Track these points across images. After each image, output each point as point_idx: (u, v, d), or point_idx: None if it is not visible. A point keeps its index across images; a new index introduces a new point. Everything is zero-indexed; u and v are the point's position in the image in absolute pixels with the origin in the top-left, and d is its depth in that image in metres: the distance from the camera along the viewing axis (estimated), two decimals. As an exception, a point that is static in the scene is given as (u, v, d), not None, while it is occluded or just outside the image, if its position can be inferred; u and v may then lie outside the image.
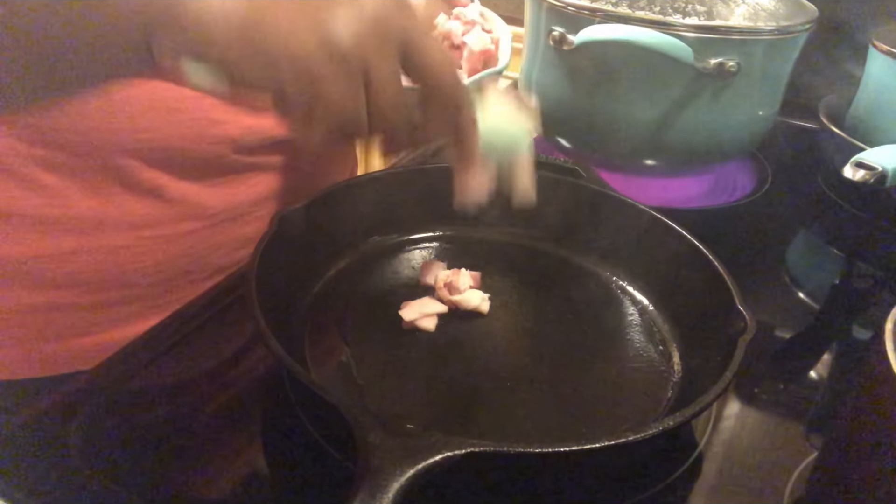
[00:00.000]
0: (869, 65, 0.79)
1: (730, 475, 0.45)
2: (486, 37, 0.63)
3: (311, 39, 0.34)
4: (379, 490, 0.32)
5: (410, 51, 0.37)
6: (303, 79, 0.34)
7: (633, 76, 0.69)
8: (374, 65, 0.35)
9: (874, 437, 0.35)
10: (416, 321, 0.52)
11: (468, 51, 0.63)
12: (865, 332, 0.61)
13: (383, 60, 0.36)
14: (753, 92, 0.71)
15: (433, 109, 0.39)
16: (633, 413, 0.47)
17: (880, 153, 0.60)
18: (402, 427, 0.35)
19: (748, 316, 0.46)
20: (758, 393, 0.52)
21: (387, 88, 0.36)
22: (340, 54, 0.34)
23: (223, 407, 0.48)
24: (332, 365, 0.50)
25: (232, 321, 0.54)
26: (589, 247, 0.62)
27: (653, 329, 0.55)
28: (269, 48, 0.34)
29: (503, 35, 0.63)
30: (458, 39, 0.64)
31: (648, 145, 0.73)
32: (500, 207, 0.64)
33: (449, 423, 0.46)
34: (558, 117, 0.77)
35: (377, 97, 0.36)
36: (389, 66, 0.36)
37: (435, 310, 0.53)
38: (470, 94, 0.41)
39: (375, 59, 0.35)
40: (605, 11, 0.67)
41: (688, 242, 0.55)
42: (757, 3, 0.70)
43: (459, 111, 0.40)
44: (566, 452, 0.36)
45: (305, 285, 0.55)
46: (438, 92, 0.39)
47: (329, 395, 0.38)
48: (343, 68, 0.34)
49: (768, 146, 0.83)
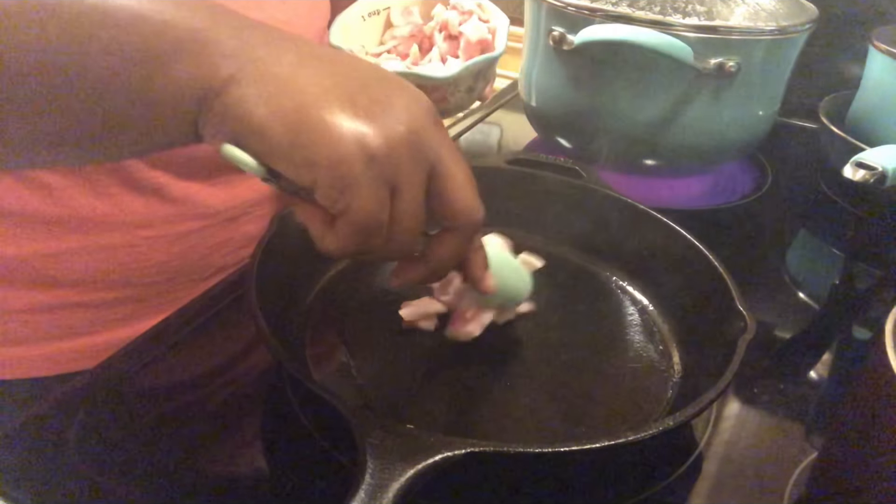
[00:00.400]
0: (869, 65, 0.79)
1: (730, 475, 0.45)
2: (482, 26, 0.63)
3: (352, 144, 0.33)
4: (379, 490, 0.32)
5: (439, 172, 0.37)
6: (338, 183, 0.34)
7: (634, 76, 0.69)
8: (405, 177, 0.35)
9: (874, 437, 0.35)
10: (416, 321, 0.52)
11: (465, 40, 0.63)
12: (865, 332, 0.61)
13: (414, 174, 0.35)
14: (753, 92, 0.71)
15: (448, 237, 0.39)
16: (633, 413, 0.47)
17: (880, 153, 0.60)
18: (402, 427, 0.35)
19: (748, 316, 0.46)
20: (758, 393, 0.52)
21: (412, 204, 0.36)
22: (378, 162, 0.34)
23: (223, 407, 0.48)
24: (332, 365, 0.50)
25: (232, 321, 0.54)
26: (589, 247, 0.62)
27: (653, 329, 0.55)
28: (311, 148, 0.33)
29: (500, 24, 0.63)
30: (455, 29, 0.64)
31: (648, 145, 0.73)
32: (500, 207, 0.64)
33: (449, 423, 0.46)
34: (558, 117, 0.77)
35: (401, 212, 0.36)
36: (419, 182, 0.36)
37: (435, 310, 0.53)
38: None
39: (407, 170, 0.35)
40: (605, 11, 0.67)
41: (688, 242, 0.55)
42: (757, 3, 0.70)
43: (472, 242, 0.41)
44: (566, 452, 0.36)
45: (305, 285, 0.55)
46: (457, 221, 0.38)
47: (329, 395, 0.38)
48: (377, 175, 0.34)
49: (768, 146, 0.83)
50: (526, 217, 0.64)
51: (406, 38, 0.67)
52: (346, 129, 0.33)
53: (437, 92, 0.60)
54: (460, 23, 0.64)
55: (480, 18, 0.64)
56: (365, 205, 0.34)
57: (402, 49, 0.66)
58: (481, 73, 0.62)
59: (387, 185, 0.35)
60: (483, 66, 0.61)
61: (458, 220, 0.38)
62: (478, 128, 0.93)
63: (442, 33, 0.65)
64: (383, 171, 0.34)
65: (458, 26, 0.64)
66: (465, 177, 0.38)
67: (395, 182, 0.35)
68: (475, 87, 0.63)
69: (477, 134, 0.92)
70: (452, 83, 0.60)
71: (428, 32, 0.66)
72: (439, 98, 0.61)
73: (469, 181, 0.38)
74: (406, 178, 0.35)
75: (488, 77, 0.65)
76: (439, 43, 0.65)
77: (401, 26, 0.67)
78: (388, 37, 0.68)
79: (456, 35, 0.64)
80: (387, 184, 0.35)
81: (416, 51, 0.65)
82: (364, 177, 0.34)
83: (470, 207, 0.38)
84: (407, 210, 0.36)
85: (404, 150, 0.35)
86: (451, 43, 0.65)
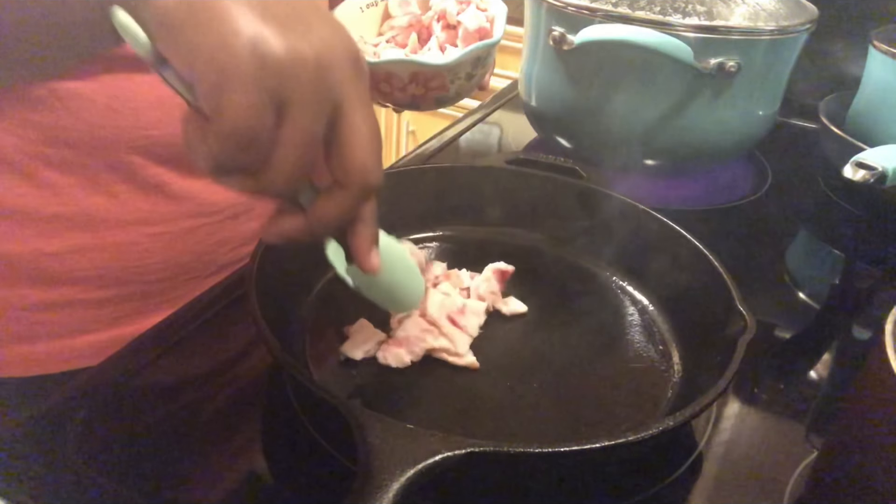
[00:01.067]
0: (869, 65, 0.79)
1: (730, 475, 0.45)
2: (481, 15, 0.63)
3: (244, 38, 0.30)
4: (379, 490, 0.32)
5: (341, 118, 0.33)
6: (215, 75, 0.30)
7: (633, 76, 0.69)
8: (298, 98, 0.31)
9: (874, 437, 0.35)
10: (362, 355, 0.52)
11: (463, 30, 0.63)
12: (865, 332, 0.61)
13: (309, 101, 0.31)
14: (753, 92, 0.71)
15: (336, 194, 0.35)
16: (633, 413, 0.47)
17: (880, 153, 0.60)
18: (402, 427, 0.35)
19: (748, 316, 0.46)
20: (758, 393, 0.52)
21: (298, 131, 0.32)
22: (268, 68, 0.30)
23: (223, 407, 0.48)
24: (332, 365, 0.50)
25: (232, 321, 0.54)
26: (589, 247, 0.62)
27: (653, 329, 0.55)
28: (200, 31, 0.30)
29: (498, 12, 0.63)
30: (454, 19, 0.64)
31: (648, 145, 0.73)
32: (500, 207, 0.64)
33: (449, 423, 0.46)
34: (558, 117, 0.77)
35: (285, 136, 0.32)
36: (313, 112, 0.32)
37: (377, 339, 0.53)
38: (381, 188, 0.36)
39: (301, 93, 0.31)
40: (605, 11, 0.67)
41: (687, 242, 0.55)
42: (757, 3, 0.70)
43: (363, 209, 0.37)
44: (566, 452, 0.36)
45: (305, 286, 0.55)
46: (348, 177, 0.34)
47: (329, 395, 0.38)
48: (262, 82, 0.30)
49: (768, 146, 0.83)
50: (526, 217, 0.64)
51: (404, 29, 0.67)
52: (245, 23, 0.30)
53: (436, 79, 0.60)
54: (458, 12, 0.64)
55: (478, 7, 0.64)
56: (238, 106, 0.30)
57: (401, 39, 0.66)
58: (480, 59, 0.62)
59: (272, 99, 0.30)
60: (482, 53, 0.61)
61: (350, 177, 0.34)
62: (478, 128, 0.93)
63: (440, 23, 0.65)
64: (272, 80, 0.30)
65: (455, 16, 0.64)
66: (368, 131, 0.34)
67: (283, 99, 0.31)
68: (474, 73, 0.63)
69: (477, 134, 0.92)
70: (452, 70, 0.60)
71: (426, 22, 0.66)
72: (439, 86, 0.61)
73: (372, 137, 0.34)
74: (299, 99, 0.31)
75: (487, 64, 0.65)
76: (437, 33, 0.65)
77: (399, 17, 0.67)
78: (387, 27, 0.68)
79: (454, 25, 0.64)
80: (273, 97, 0.30)
81: (415, 40, 0.65)
82: (246, 76, 0.30)
83: (364, 165, 0.34)
84: (292, 137, 0.32)
85: (305, 73, 0.31)
86: (449, 32, 0.65)
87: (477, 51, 0.60)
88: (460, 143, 0.89)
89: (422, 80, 0.60)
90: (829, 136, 0.77)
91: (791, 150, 0.92)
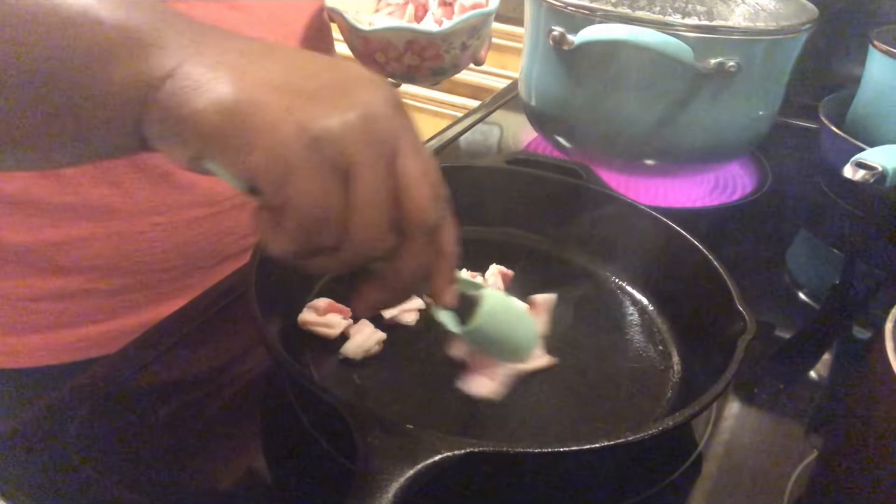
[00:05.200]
0: (869, 65, 0.79)
1: (730, 475, 0.45)
2: None
3: (291, 124, 0.30)
4: (379, 490, 0.32)
5: (395, 162, 0.33)
6: (276, 168, 0.30)
7: (633, 76, 0.69)
8: (360, 161, 0.31)
9: (874, 437, 0.35)
10: (396, 316, 0.52)
11: (459, 6, 0.63)
12: (865, 332, 0.61)
13: (371, 159, 0.31)
14: (753, 92, 0.71)
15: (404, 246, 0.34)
16: (633, 413, 0.47)
17: (880, 153, 0.60)
18: (402, 427, 0.35)
19: (748, 316, 0.46)
20: (758, 393, 0.52)
21: (370, 192, 0.31)
22: (322, 144, 0.30)
23: (223, 407, 0.48)
24: (332, 365, 0.50)
25: (232, 321, 0.54)
26: (589, 247, 0.62)
27: (653, 329, 0.55)
28: (246, 133, 0.30)
29: None
30: None
31: (648, 145, 0.73)
32: (500, 207, 0.64)
33: (449, 423, 0.46)
34: (558, 117, 0.77)
35: (358, 200, 0.31)
36: (378, 168, 0.32)
37: (414, 305, 0.53)
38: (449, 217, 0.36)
39: (361, 155, 0.31)
40: (605, 11, 0.67)
41: (687, 242, 0.55)
42: (757, 3, 0.70)
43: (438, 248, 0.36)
44: (566, 452, 0.36)
45: (305, 286, 0.55)
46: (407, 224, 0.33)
47: (329, 395, 0.38)
48: (322, 159, 0.30)
49: (768, 146, 0.83)
50: (526, 217, 0.64)
51: (401, 5, 0.67)
52: (286, 110, 0.30)
53: (431, 48, 0.61)
54: None
55: None
56: (307, 192, 0.30)
57: (398, 15, 0.67)
58: (475, 29, 0.62)
59: (335, 172, 0.31)
60: (477, 22, 0.61)
61: (411, 224, 0.33)
62: (478, 128, 0.93)
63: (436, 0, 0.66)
64: (329, 155, 0.30)
65: None
66: (421, 171, 0.33)
67: (346, 168, 0.31)
68: (469, 43, 0.63)
69: (477, 134, 0.92)
70: (446, 39, 0.60)
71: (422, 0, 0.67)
72: (434, 55, 0.61)
73: (424, 176, 0.33)
74: (361, 161, 0.31)
75: (482, 35, 0.65)
76: (433, 9, 0.65)
77: None
78: (384, 4, 0.68)
79: (450, 2, 0.65)
80: (335, 169, 0.31)
81: (412, 13, 0.65)
82: (305, 160, 0.30)
83: (420, 205, 0.33)
84: (365, 198, 0.31)
85: (357, 134, 0.31)
86: (445, 9, 0.65)
87: (472, 19, 0.60)
88: (460, 142, 0.89)
89: (417, 49, 0.61)
90: (829, 136, 0.77)
91: (791, 150, 0.92)
